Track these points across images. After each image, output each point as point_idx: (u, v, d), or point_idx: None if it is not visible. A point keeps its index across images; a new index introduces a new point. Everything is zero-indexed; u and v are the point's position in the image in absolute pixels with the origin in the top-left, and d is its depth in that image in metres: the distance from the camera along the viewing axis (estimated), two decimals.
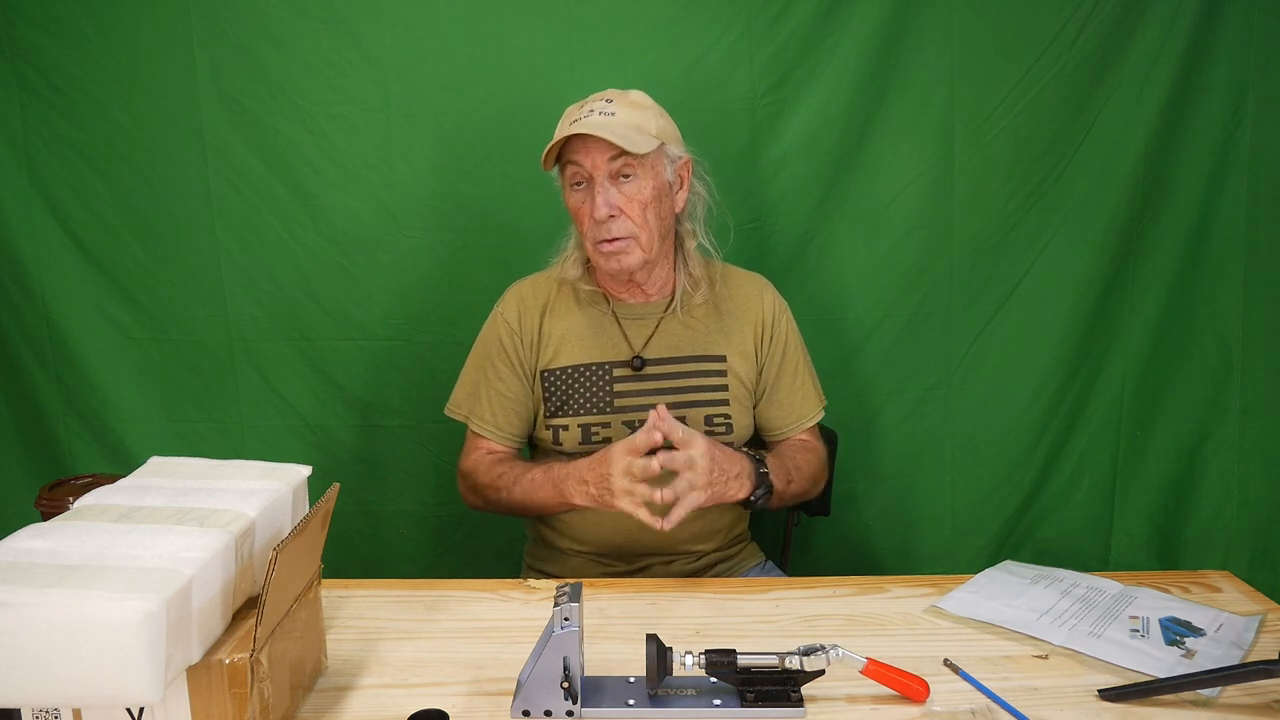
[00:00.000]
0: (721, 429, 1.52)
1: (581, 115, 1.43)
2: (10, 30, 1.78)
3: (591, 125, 1.40)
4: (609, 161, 1.41)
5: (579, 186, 1.46)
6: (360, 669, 1.10)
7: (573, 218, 1.49)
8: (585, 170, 1.43)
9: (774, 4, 1.77)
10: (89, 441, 1.92)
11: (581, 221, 1.47)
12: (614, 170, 1.42)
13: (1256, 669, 0.98)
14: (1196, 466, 1.90)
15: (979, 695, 1.03)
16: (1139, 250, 1.84)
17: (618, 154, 1.41)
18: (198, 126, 1.81)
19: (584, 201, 1.45)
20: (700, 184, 1.54)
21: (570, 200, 1.48)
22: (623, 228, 1.43)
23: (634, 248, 1.45)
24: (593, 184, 1.43)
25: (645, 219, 1.44)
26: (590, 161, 1.42)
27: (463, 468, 1.57)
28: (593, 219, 1.43)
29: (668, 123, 1.49)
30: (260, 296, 1.87)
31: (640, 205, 1.43)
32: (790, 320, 1.59)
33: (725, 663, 1.01)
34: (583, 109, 1.45)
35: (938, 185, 1.84)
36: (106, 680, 0.79)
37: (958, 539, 1.95)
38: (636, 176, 1.43)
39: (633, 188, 1.43)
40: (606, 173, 1.42)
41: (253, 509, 0.98)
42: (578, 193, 1.46)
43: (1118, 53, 1.77)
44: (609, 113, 1.42)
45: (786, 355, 1.57)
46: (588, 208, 1.44)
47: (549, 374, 1.53)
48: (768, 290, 1.60)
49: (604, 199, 1.42)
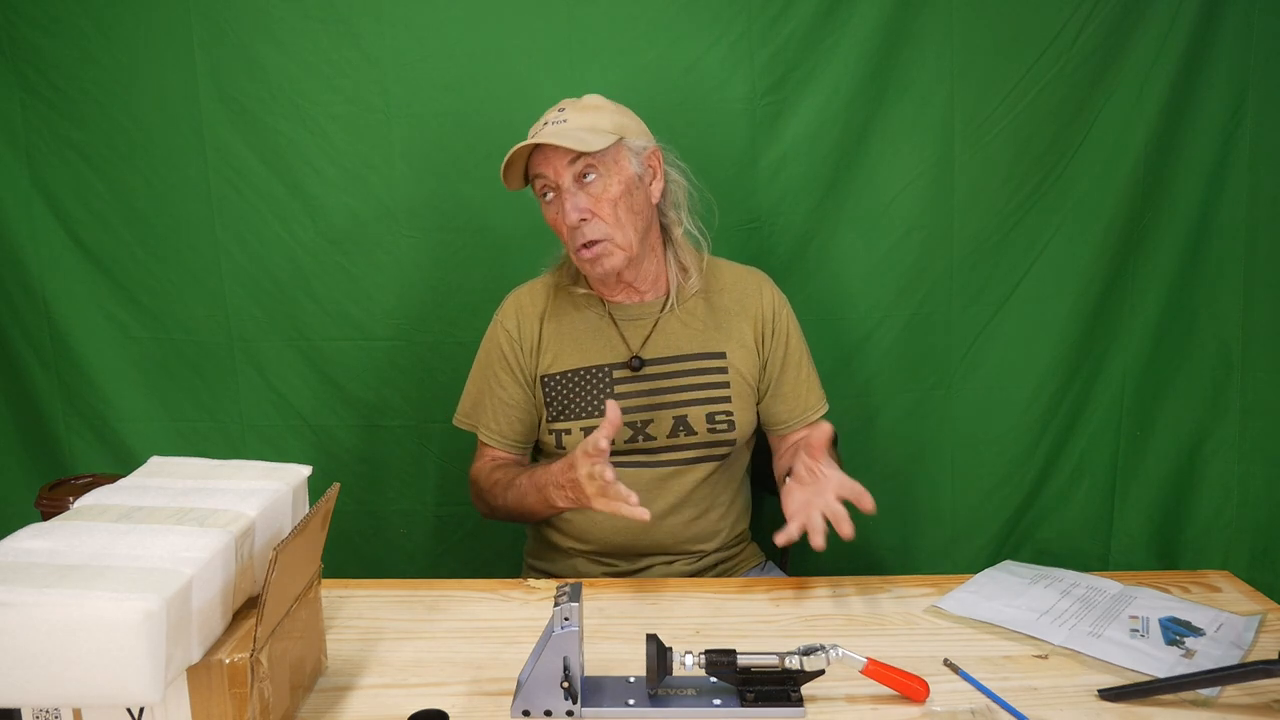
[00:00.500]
0: (724, 426, 1.52)
1: (535, 130, 1.44)
2: (11, 30, 1.78)
3: (544, 135, 1.41)
4: (569, 166, 1.42)
5: (549, 198, 1.46)
6: (360, 669, 1.10)
7: (554, 231, 1.49)
8: (550, 180, 1.43)
9: (774, 4, 1.77)
10: (89, 441, 1.92)
11: (560, 232, 1.47)
12: (576, 174, 1.42)
13: (1256, 669, 0.98)
14: (1196, 466, 1.90)
15: (979, 695, 1.03)
16: (1139, 250, 1.84)
17: (575, 157, 1.41)
18: (198, 126, 1.81)
19: (557, 212, 1.45)
20: (675, 171, 1.54)
21: (546, 214, 1.48)
22: (597, 230, 1.43)
23: (612, 249, 1.45)
24: (560, 192, 1.43)
25: (617, 216, 1.44)
26: (552, 170, 1.42)
27: (471, 475, 1.59)
28: (567, 226, 1.44)
29: (627, 118, 1.48)
30: (260, 296, 1.87)
31: (610, 203, 1.43)
32: (791, 314, 1.59)
33: (725, 663, 1.01)
34: (541, 124, 1.45)
35: (938, 185, 1.84)
36: (106, 680, 0.79)
37: (958, 539, 1.95)
38: (600, 175, 1.43)
39: (598, 187, 1.43)
40: (570, 178, 1.42)
41: (253, 509, 0.98)
42: (550, 205, 1.46)
43: (1118, 53, 1.77)
44: (560, 120, 1.43)
45: (790, 349, 1.57)
46: (561, 216, 1.44)
47: (549, 379, 1.53)
48: (766, 284, 1.59)
49: (572, 204, 1.42)
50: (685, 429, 1.51)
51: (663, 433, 1.51)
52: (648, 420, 1.51)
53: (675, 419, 1.51)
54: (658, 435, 1.51)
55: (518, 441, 1.57)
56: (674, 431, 1.51)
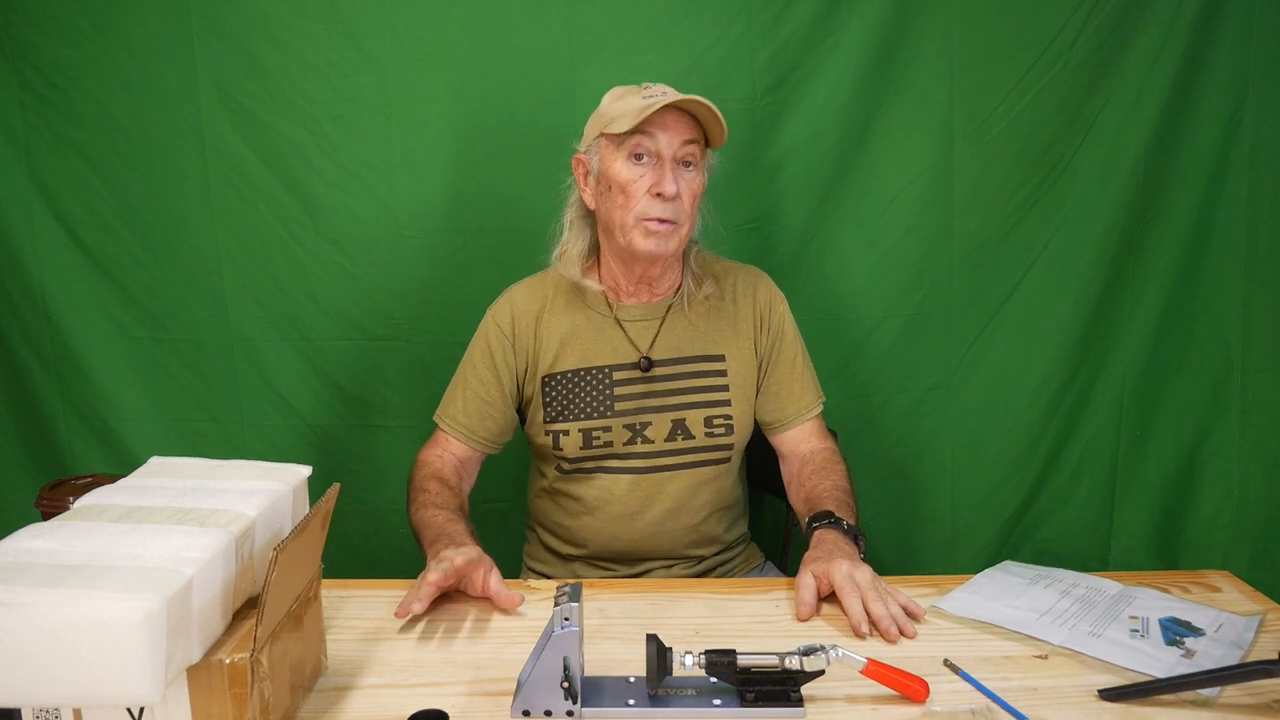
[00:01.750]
0: (721, 430, 1.51)
1: (654, 94, 1.40)
2: (10, 30, 1.78)
3: (695, 105, 1.37)
4: (684, 146, 1.39)
5: (643, 160, 1.40)
6: (360, 669, 1.10)
7: (618, 190, 1.41)
8: (657, 145, 1.39)
9: (774, 4, 1.77)
10: (89, 441, 1.92)
11: (632, 195, 1.40)
12: (682, 154, 1.40)
13: (1256, 669, 0.98)
14: (1196, 466, 1.90)
15: (979, 695, 1.03)
16: (1139, 250, 1.84)
17: (690, 139, 1.39)
18: (198, 126, 1.81)
19: (643, 175, 1.40)
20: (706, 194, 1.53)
21: (622, 171, 1.40)
22: (675, 211, 1.40)
23: (675, 235, 1.42)
24: (661, 161, 1.39)
25: (693, 210, 1.43)
26: (666, 139, 1.39)
27: (418, 459, 1.53)
28: (650, 194, 1.39)
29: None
30: (260, 296, 1.87)
31: (693, 196, 1.42)
32: (787, 311, 1.58)
33: (725, 663, 1.01)
34: (646, 89, 1.41)
35: (938, 185, 1.84)
36: (107, 680, 0.79)
37: (958, 539, 1.95)
38: (696, 167, 1.42)
39: (692, 177, 1.42)
40: (673, 155, 1.40)
41: (253, 509, 0.98)
42: (645, 167, 1.40)
43: (1118, 53, 1.77)
44: (695, 96, 1.39)
45: (784, 344, 1.55)
46: (647, 181, 1.39)
47: (549, 379, 1.52)
48: (762, 281, 1.59)
49: (674, 178, 1.39)
50: (683, 432, 1.50)
51: (661, 436, 1.50)
52: (646, 423, 1.50)
53: (674, 422, 1.50)
54: (655, 438, 1.50)
55: (480, 437, 1.53)
56: (672, 435, 1.50)
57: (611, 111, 1.43)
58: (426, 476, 1.48)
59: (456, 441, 1.54)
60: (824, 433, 1.58)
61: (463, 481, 1.52)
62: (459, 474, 1.52)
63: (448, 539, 1.30)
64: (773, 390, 1.55)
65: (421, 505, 1.42)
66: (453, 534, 1.31)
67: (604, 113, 1.45)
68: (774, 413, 1.55)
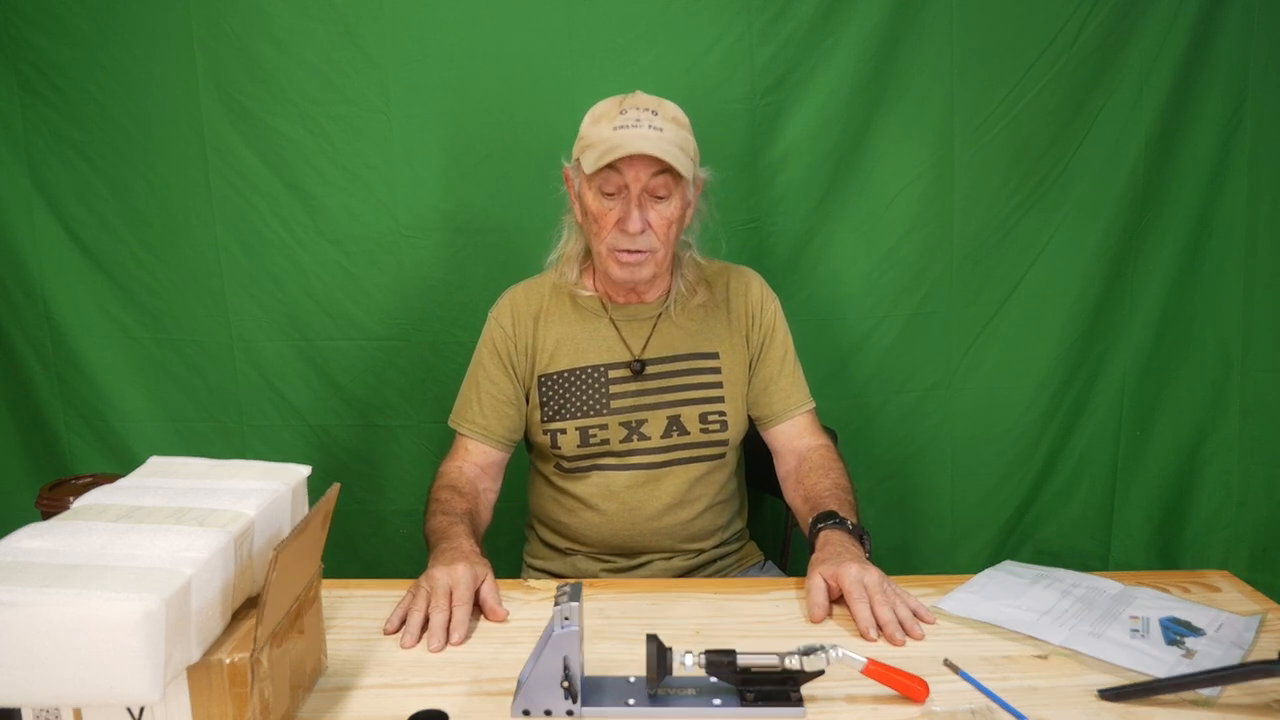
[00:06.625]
0: (716, 426, 1.52)
1: (626, 124, 1.39)
2: (10, 30, 1.78)
3: (647, 142, 1.36)
4: (650, 177, 1.39)
5: (611, 194, 1.42)
6: (360, 669, 1.10)
7: (591, 219, 1.44)
8: (624, 181, 1.39)
9: (774, 4, 1.77)
10: (89, 441, 1.92)
11: (603, 226, 1.43)
12: (651, 186, 1.40)
13: (1256, 669, 0.98)
14: (1196, 466, 1.90)
15: (979, 695, 1.03)
16: (1139, 250, 1.85)
17: (660, 170, 1.39)
18: (198, 126, 1.81)
19: (612, 209, 1.42)
20: (703, 201, 1.53)
21: (594, 203, 1.42)
22: (646, 242, 1.42)
23: (650, 262, 1.44)
24: (628, 194, 1.40)
25: (668, 237, 1.43)
26: (633, 174, 1.38)
27: (439, 470, 1.54)
28: (618, 228, 1.41)
29: (693, 139, 1.46)
30: (260, 296, 1.87)
31: (667, 224, 1.42)
32: (779, 311, 1.58)
33: (725, 663, 1.01)
34: (624, 115, 1.41)
35: (938, 185, 1.84)
36: (106, 680, 0.79)
37: (958, 539, 1.96)
38: (670, 198, 1.42)
39: (665, 207, 1.42)
40: (643, 187, 1.40)
41: (252, 509, 0.98)
42: (611, 200, 1.42)
43: (1118, 53, 1.77)
44: (657, 127, 1.39)
45: (774, 340, 1.56)
46: (615, 215, 1.41)
47: (545, 379, 1.53)
48: (754, 280, 1.59)
49: (640, 214, 1.40)
50: (679, 429, 1.51)
51: (657, 432, 1.51)
52: (642, 420, 1.51)
53: (669, 419, 1.51)
54: (652, 435, 1.51)
55: (500, 436, 1.54)
56: (668, 431, 1.51)
57: (587, 138, 1.43)
58: (440, 487, 1.49)
59: (477, 445, 1.54)
60: (818, 429, 1.58)
61: (482, 488, 1.52)
62: (476, 481, 1.51)
63: (447, 543, 1.32)
64: (760, 384, 1.56)
65: (430, 514, 1.43)
66: (452, 537, 1.33)
67: (582, 137, 1.46)
68: (763, 407, 1.56)
